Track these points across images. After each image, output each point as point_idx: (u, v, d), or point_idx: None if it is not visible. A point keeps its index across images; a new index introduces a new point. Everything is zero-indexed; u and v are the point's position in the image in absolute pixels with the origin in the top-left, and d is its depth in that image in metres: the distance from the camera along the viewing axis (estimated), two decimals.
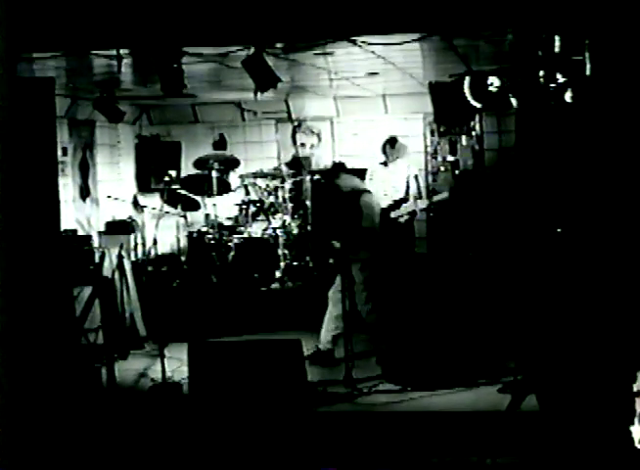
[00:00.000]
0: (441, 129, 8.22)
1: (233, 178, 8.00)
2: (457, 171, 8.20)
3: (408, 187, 6.60)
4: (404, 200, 6.58)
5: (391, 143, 6.67)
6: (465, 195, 7.75)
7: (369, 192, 5.68)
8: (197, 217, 7.86)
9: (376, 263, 5.52)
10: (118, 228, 7.69)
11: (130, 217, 8.16)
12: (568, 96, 4.24)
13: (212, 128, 8.77)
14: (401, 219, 6.58)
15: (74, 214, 7.63)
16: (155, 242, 7.42)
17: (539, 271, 4.56)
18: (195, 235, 7.23)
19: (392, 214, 6.53)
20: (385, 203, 6.61)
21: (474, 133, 8.08)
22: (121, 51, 4.98)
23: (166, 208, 7.63)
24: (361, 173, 6.91)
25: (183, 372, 4.76)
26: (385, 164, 6.76)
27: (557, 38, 4.28)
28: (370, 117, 8.55)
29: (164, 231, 7.70)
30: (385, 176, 6.68)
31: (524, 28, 4.47)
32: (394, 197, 6.62)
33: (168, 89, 5.07)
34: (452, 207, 7.67)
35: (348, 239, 5.38)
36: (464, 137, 8.12)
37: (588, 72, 4.11)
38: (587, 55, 4.12)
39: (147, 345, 6.32)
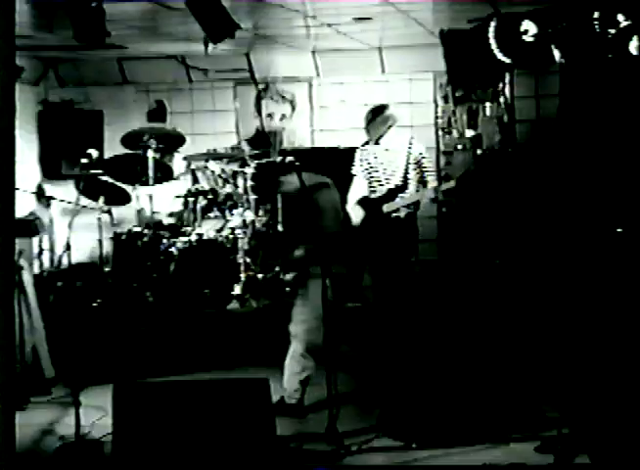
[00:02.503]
0: (458, 94, 8.24)
1: (176, 161, 7.96)
2: (479, 151, 8.22)
3: (407, 171, 6.54)
4: (401, 188, 6.53)
5: (377, 114, 6.60)
6: (489, 182, 7.76)
7: (328, 186, 5.65)
8: (126, 214, 7.82)
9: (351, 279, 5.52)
10: (16, 229, 7.59)
11: (32, 214, 8.08)
12: (633, 46, 4.23)
13: (147, 92, 8.76)
14: (400, 214, 6.53)
15: None
16: (67, 247, 7.36)
17: (593, 286, 4.56)
18: (123, 237, 7.21)
19: (385, 208, 6.47)
20: (375, 193, 6.58)
21: (502, 99, 8.12)
22: None
23: (84, 200, 7.55)
24: (345, 156, 6.88)
25: (105, 426, 4.69)
26: (376, 141, 6.69)
27: None
28: (361, 77, 8.57)
29: (81, 232, 7.62)
30: (375, 157, 6.62)
31: None
32: (389, 185, 6.55)
33: (84, 37, 5.06)
34: (472, 199, 7.67)
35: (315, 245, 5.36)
36: (488, 104, 8.15)
37: None
38: None
39: (55, 389, 6.26)
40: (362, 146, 6.61)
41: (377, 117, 6.54)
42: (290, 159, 5.52)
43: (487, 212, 7.68)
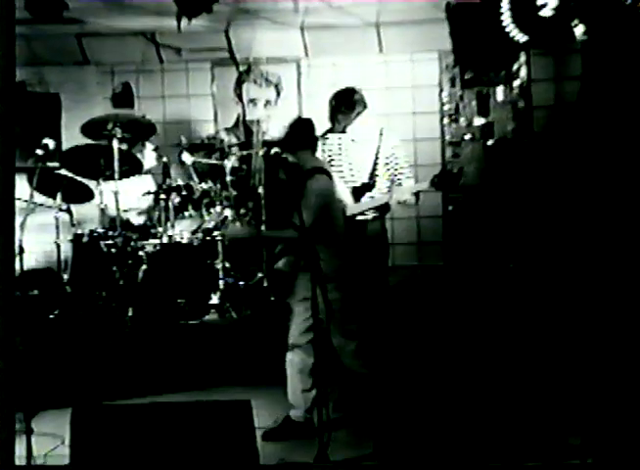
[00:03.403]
0: (466, 77, 8.24)
1: (146, 153, 7.98)
2: (490, 141, 8.25)
3: (375, 167, 6.52)
4: (368, 187, 6.50)
5: (345, 100, 6.56)
6: (502, 177, 7.78)
7: (321, 172, 5.62)
8: (87, 213, 7.80)
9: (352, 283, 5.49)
10: None
11: None
12: None
13: (111, 74, 8.74)
14: (367, 217, 6.50)
15: None
16: (20, 250, 7.32)
17: (621, 294, 4.55)
18: (85, 239, 7.22)
19: (349, 210, 6.40)
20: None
21: (516, 82, 8.14)
22: None
23: (39, 197, 7.50)
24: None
25: (63, 456, 4.66)
26: (342, 130, 6.65)
27: None
28: (356, 58, 8.58)
29: (35, 234, 7.58)
30: (340, 149, 6.60)
31: None
32: (354, 183, 6.52)
33: (38, 10, 5.00)
34: (482, 195, 7.68)
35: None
36: (501, 88, 8.17)
37: None
38: None
39: None
40: (324, 135, 6.55)
41: (343, 102, 6.50)
42: (275, 150, 5.50)
43: (500, 211, 7.69)
